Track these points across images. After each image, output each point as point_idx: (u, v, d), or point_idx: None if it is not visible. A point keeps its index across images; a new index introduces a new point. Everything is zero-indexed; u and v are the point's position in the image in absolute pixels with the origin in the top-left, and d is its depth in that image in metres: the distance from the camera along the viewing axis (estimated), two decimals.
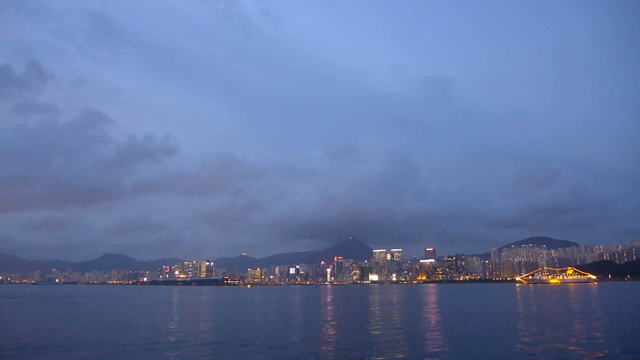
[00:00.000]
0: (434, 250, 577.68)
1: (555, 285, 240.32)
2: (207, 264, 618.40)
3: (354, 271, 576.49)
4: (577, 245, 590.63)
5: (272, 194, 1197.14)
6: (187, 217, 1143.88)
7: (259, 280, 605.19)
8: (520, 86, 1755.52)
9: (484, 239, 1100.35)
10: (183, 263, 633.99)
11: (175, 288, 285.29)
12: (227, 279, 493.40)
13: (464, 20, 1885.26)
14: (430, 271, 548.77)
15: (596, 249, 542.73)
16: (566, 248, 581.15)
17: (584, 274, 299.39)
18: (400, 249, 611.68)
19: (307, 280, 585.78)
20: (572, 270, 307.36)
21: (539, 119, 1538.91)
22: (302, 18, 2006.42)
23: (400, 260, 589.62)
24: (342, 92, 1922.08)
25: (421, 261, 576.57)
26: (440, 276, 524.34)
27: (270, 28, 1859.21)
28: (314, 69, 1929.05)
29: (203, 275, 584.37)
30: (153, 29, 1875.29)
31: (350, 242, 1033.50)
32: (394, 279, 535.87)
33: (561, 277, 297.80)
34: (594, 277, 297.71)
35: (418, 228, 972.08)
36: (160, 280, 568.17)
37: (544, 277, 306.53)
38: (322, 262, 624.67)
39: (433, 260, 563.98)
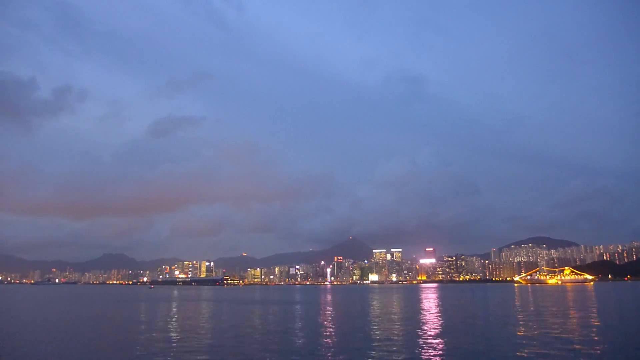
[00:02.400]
0: (433, 250, 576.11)
1: (552, 286, 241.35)
2: (207, 264, 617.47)
3: (354, 271, 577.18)
4: (577, 245, 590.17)
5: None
6: None
7: (259, 280, 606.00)
8: (499, 78, 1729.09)
9: (484, 239, 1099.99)
10: (183, 263, 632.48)
11: (175, 289, 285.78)
12: (227, 279, 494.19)
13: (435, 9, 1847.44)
14: (430, 271, 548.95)
15: (596, 249, 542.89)
16: (566, 248, 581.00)
17: (580, 274, 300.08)
18: (400, 249, 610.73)
19: (307, 280, 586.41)
20: (569, 270, 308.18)
21: (519, 117, 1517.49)
22: (266, 5, 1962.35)
23: (400, 260, 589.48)
24: (313, 83, 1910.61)
25: (421, 261, 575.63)
26: (440, 276, 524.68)
27: (234, 15, 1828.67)
28: (281, 58, 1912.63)
29: (203, 275, 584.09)
30: (119, 17, 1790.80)
31: (350, 242, 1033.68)
32: (394, 279, 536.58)
33: (559, 277, 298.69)
34: (590, 277, 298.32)
35: (418, 228, 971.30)
36: (160, 280, 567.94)
37: (542, 277, 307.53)
38: (322, 262, 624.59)
39: (433, 260, 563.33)
